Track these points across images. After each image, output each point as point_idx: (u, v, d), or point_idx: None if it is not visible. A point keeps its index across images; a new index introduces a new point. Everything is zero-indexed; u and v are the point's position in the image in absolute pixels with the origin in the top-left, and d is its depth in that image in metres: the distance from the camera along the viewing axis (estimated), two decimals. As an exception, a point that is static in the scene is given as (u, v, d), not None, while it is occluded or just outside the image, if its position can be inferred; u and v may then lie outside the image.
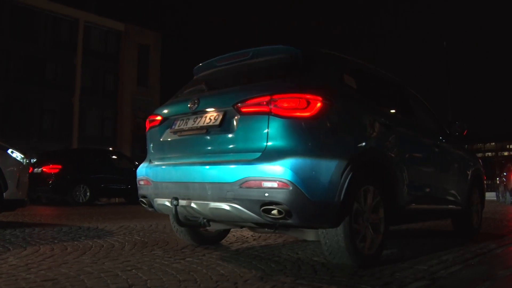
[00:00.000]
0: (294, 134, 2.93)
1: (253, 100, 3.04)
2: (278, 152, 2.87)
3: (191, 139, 3.43)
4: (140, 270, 2.97)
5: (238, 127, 3.09)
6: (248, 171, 2.90)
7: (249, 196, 2.89)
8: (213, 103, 3.36)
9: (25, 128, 30.60)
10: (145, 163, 3.85)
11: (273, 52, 3.61)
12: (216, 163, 3.12)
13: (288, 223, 2.92)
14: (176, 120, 3.57)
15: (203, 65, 4.15)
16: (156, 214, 7.52)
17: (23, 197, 5.75)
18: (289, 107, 2.94)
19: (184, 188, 3.29)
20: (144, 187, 3.72)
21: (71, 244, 4.07)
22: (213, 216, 3.31)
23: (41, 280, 2.63)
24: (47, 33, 32.47)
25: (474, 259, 3.62)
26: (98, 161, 13.88)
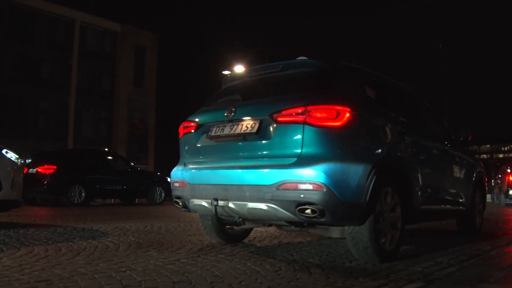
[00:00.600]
0: (326, 141, 3.26)
1: (289, 110, 3.35)
2: (312, 157, 3.19)
3: (228, 145, 3.72)
4: (134, 271, 2.95)
5: (275, 135, 3.39)
6: (285, 174, 3.21)
7: (286, 197, 3.20)
8: (249, 112, 3.64)
9: (21, 128, 30.50)
10: (179, 167, 4.09)
11: (301, 65, 3.96)
12: (254, 167, 3.42)
13: (321, 221, 3.22)
14: (212, 127, 3.82)
15: (234, 75, 4.47)
16: (152, 215, 7.49)
17: (18, 197, 5.71)
18: (321, 117, 3.26)
19: (222, 190, 3.56)
20: (180, 188, 3.99)
21: (65, 245, 4.05)
22: (250, 216, 3.56)
23: (35, 281, 2.61)
24: (43, 33, 32.39)
25: (469, 260, 3.63)
26: (94, 162, 13.85)
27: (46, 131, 32.16)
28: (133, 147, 36.17)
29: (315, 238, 4.96)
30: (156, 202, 14.47)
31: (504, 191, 15.59)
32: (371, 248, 3.35)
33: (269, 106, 3.52)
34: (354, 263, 3.41)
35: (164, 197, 14.90)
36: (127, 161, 15.62)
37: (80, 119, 34.14)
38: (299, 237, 5.03)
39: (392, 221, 3.62)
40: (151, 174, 17.41)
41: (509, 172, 15.69)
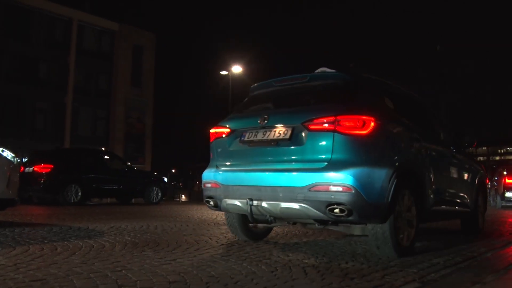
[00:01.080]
0: (354, 148, 3.59)
1: (320, 119, 3.67)
2: (342, 162, 3.53)
3: (261, 149, 4.02)
4: (130, 271, 2.95)
5: (307, 141, 3.71)
6: (317, 177, 3.55)
7: (317, 197, 3.52)
8: (282, 120, 3.94)
9: (17, 127, 30.40)
10: (211, 169, 4.38)
11: (327, 77, 4.31)
12: (287, 170, 3.76)
13: (349, 220, 3.53)
14: (244, 133, 4.13)
15: (260, 84, 4.74)
16: (148, 215, 7.48)
17: (14, 196, 5.70)
18: (349, 126, 3.59)
19: (256, 191, 3.86)
20: (212, 189, 4.27)
21: (61, 244, 4.04)
22: (282, 214, 3.88)
23: (30, 280, 2.60)
24: (41, 32, 32.30)
25: (464, 262, 3.64)
26: (90, 161, 13.82)
27: (42, 130, 32.07)
28: (130, 146, 36.09)
29: (311, 239, 4.97)
30: (152, 202, 14.45)
31: (500, 193, 15.65)
32: (391, 244, 3.69)
33: (301, 115, 3.83)
34: (349, 264, 3.41)
35: (160, 197, 14.89)
36: (124, 160, 15.59)
37: (77, 118, 34.04)
38: (295, 238, 5.03)
39: (408, 220, 3.96)
40: (147, 173, 17.41)
41: (506, 174, 15.75)
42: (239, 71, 29.59)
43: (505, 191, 15.37)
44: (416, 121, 4.63)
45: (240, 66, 29.45)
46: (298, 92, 4.38)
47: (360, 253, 3.98)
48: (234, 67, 29.27)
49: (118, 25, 36.48)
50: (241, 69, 29.58)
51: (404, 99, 4.81)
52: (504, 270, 3.33)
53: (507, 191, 15.36)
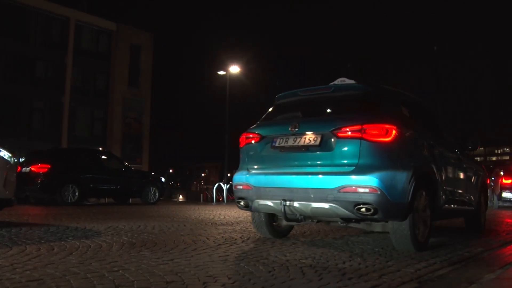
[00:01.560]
0: (379, 153, 3.98)
1: (348, 128, 4.03)
2: (368, 166, 3.90)
3: (292, 154, 4.36)
4: (127, 271, 2.95)
5: (336, 147, 4.07)
6: (346, 180, 3.91)
7: (346, 198, 3.88)
8: (311, 127, 4.29)
9: (14, 127, 30.32)
10: (242, 171, 4.71)
11: (350, 88, 4.66)
12: (317, 173, 4.12)
13: (374, 218, 3.92)
14: (275, 139, 4.46)
15: (285, 94, 5.07)
16: (146, 215, 7.48)
17: (10, 196, 5.68)
18: (375, 134, 3.97)
19: (288, 192, 4.21)
20: (244, 190, 4.59)
21: (58, 244, 4.03)
22: (312, 214, 4.25)
23: (26, 280, 2.59)
24: (38, 31, 32.21)
25: (461, 262, 3.65)
26: (88, 161, 13.80)
27: (40, 130, 31.98)
28: (127, 146, 36.03)
29: (309, 239, 4.97)
30: (150, 202, 14.43)
31: (497, 193, 15.69)
32: (409, 239, 4.05)
33: (330, 123, 4.19)
34: (347, 264, 3.42)
35: (158, 197, 14.87)
36: (121, 160, 15.57)
37: (74, 118, 33.95)
38: (292, 238, 5.04)
39: (424, 218, 4.32)
40: (145, 173, 17.38)
41: (502, 174, 15.79)
42: (237, 71, 29.59)
43: (502, 191, 15.41)
44: (427, 127, 5.10)
45: (238, 66, 29.45)
46: (323, 102, 4.75)
47: (357, 253, 3.99)
48: (231, 67, 29.26)
49: (116, 24, 36.41)
50: (239, 69, 29.58)
51: (416, 107, 5.22)
52: (501, 269, 3.33)
53: (504, 191, 15.41)
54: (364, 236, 5.45)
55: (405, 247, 4.13)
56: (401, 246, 4.16)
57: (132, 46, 37.16)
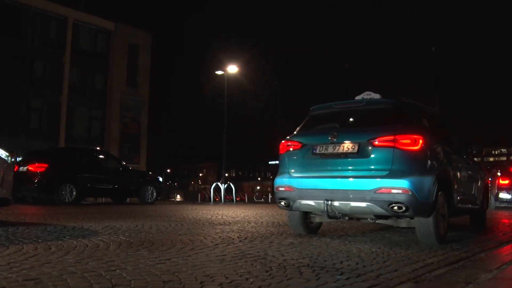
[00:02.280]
0: (409, 160, 4.60)
1: (383, 138, 4.67)
2: (400, 171, 4.53)
3: (332, 160, 4.94)
4: (124, 270, 2.94)
5: (372, 154, 4.69)
6: (381, 182, 4.53)
7: (381, 198, 4.51)
8: (349, 137, 4.90)
9: (12, 126, 30.26)
10: (284, 175, 5.26)
11: (380, 103, 5.38)
12: (356, 177, 4.72)
13: (405, 214, 4.54)
14: (316, 146, 5.05)
15: (320, 106, 5.73)
16: (143, 215, 7.47)
17: (8, 195, 5.67)
18: (405, 143, 4.61)
19: (330, 193, 4.81)
20: (286, 192, 5.15)
21: (55, 244, 4.03)
22: (350, 212, 4.85)
23: (23, 279, 2.59)
24: (36, 30, 32.16)
25: (458, 262, 3.66)
26: (85, 161, 13.78)
27: (37, 129, 31.93)
28: (125, 146, 36.00)
29: (306, 239, 4.97)
30: (147, 201, 14.42)
31: (494, 194, 15.71)
32: (433, 233, 4.69)
33: (366, 134, 4.82)
34: (344, 264, 3.42)
35: (155, 197, 14.86)
36: (119, 160, 15.56)
37: (72, 118, 33.90)
38: (289, 238, 5.04)
39: (443, 214, 4.96)
40: (143, 173, 17.37)
41: (499, 175, 15.82)
42: (235, 71, 29.58)
43: (499, 192, 15.44)
44: (442, 135, 5.69)
45: (236, 65, 29.44)
46: (357, 114, 5.43)
47: (355, 253, 3.99)
48: (229, 66, 29.25)
49: (114, 24, 36.37)
50: (237, 68, 29.56)
51: (433, 118, 5.80)
52: (498, 269, 3.34)
53: (501, 192, 15.44)
54: (361, 236, 5.46)
55: (429, 240, 4.73)
56: (426, 239, 4.76)
57: (130, 45, 37.12)
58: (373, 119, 5.29)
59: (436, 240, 4.73)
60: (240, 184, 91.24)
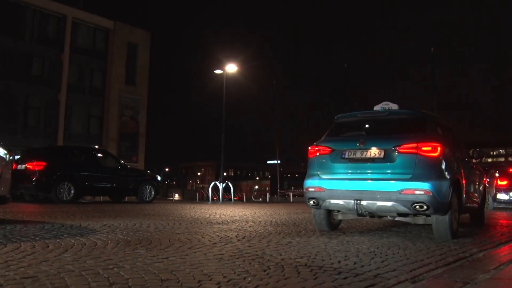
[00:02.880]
0: (430, 165, 5.17)
1: (407, 145, 5.23)
2: (422, 175, 5.08)
3: (360, 165, 5.43)
4: (122, 268, 2.94)
5: (397, 160, 5.24)
6: (405, 185, 5.07)
7: (406, 198, 5.06)
8: (376, 144, 5.43)
9: (10, 124, 30.20)
10: (314, 177, 5.72)
11: (400, 113, 6.00)
12: (382, 179, 5.24)
13: (426, 213, 5.10)
14: (344, 151, 5.55)
15: (345, 115, 6.45)
16: (141, 213, 7.45)
17: (5, 193, 5.66)
18: (426, 150, 5.19)
19: (358, 194, 5.30)
20: (316, 192, 5.62)
21: (52, 242, 4.02)
22: (376, 210, 5.33)
23: (20, 277, 2.58)
24: (34, 28, 32.08)
25: (456, 262, 3.66)
26: (83, 159, 13.76)
27: (35, 128, 31.87)
28: (123, 145, 35.94)
29: (304, 239, 4.98)
30: (145, 200, 14.41)
31: (492, 195, 15.73)
32: (448, 229, 5.27)
33: (392, 141, 5.37)
34: (342, 264, 3.42)
35: (153, 196, 14.85)
36: (117, 158, 15.54)
37: (71, 116, 33.84)
38: (287, 237, 5.04)
39: (455, 213, 5.54)
40: (141, 172, 17.35)
41: (497, 176, 15.84)
42: (234, 70, 29.56)
43: (497, 192, 15.45)
44: (452, 142, 6.16)
45: (235, 64, 29.42)
46: (380, 123, 6.03)
47: (352, 253, 3.99)
48: (228, 65, 29.23)
49: (113, 22, 36.29)
50: (236, 68, 29.54)
51: (443, 127, 6.28)
52: (495, 270, 3.34)
53: (499, 193, 15.45)
54: (359, 236, 5.46)
55: (444, 236, 5.30)
56: (441, 234, 5.32)
57: (129, 44, 37.05)
58: (395, 128, 5.88)
59: (450, 235, 5.29)
60: (238, 183, 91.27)
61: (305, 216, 9.14)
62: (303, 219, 8.19)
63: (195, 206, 13.61)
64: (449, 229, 5.27)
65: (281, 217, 8.51)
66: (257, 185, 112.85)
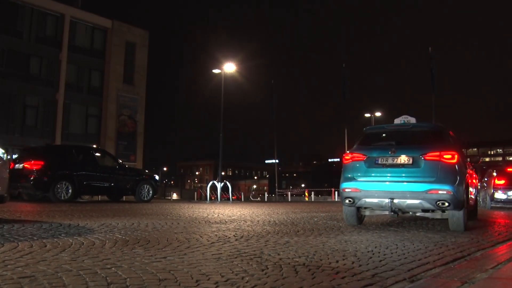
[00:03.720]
0: (450, 170, 6.23)
1: (431, 154, 6.28)
2: (444, 178, 6.14)
3: (391, 169, 6.44)
4: (120, 268, 2.93)
5: (423, 166, 6.27)
6: (431, 186, 6.12)
7: (431, 197, 6.10)
8: (405, 152, 6.42)
9: (7, 123, 30.14)
10: (349, 180, 6.67)
11: (422, 126, 7.36)
12: (411, 182, 6.25)
13: (447, 209, 6.15)
14: (378, 158, 6.55)
15: (373, 127, 8.28)
16: (139, 213, 7.44)
17: (3, 193, 5.66)
18: (447, 158, 6.25)
19: (390, 193, 6.32)
20: (352, 192, 6.59)
21: (50, 241, 4.01)
22: (406, 207, 6.38)
23: (18, 277, 2.57)
24: (32, 27, 32.01)
25: (453, 262, 3.66)
26: (81, 158, 13.75)
27: (33, 127, 31.82)
28: (121, 144, 35.91)
29: (302, 238, 4.98)
30: (143, 199, 14.41)
31: (490, 194, 15.76)
32: (462, 222, 6.32)
33: (419, 150, 6.40)
34: (340, 263, 3.42)
35: (151, 195, 14.85)
36: (115, 158, 15.52)
37: (69, 115, 33.80)
38: (286, 237, 5.04)
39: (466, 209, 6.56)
40: (139, 171, 17.34)
41: (495, 175, 15.86)
42: (232, 69, 29.54)
43: (495, 192, 15.48)
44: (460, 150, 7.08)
45: (233, 64, 29.40)
46: (406, 134, 7.16)
47: (350, 252, 3.99)
48: (226, 65, 29.21)
49: (111, 22, 36.25)
50: (234, 67, 29.53)
51: (452, 137, 7.25)
52: (493, 269, 3.35)
53: (497, 192, 15.47)
54: (357, 235, 5.46)
55: (459, 227, 6.33)
56: (456, 227, 6.36)
57: (127, 43, 37.02)
58: (419, 139, 7.01)
59: (463, 227, 6.36)
60: (236, 182, 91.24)
61: (303, 215, 9.14)
62: (301, 218, 8.19)
63: (193, 205, 13.61)
64: (462, 222, 6.31)
65: (279, 217, 8.51)
66: (255, 185, 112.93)
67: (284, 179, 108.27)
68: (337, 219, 8.09)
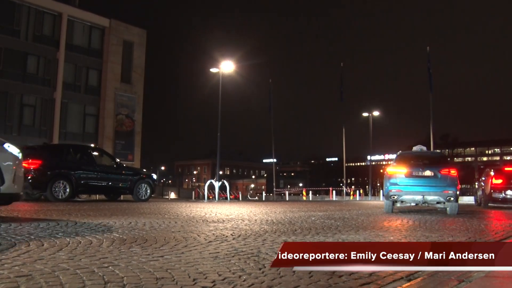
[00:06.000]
0: (453, 180, 10.62)
1: (444, 170, 10.70)
2: (451, 184, 10.54)
3: (421, 179, 10.64)
4: (117, 267, 2.93)
5: (439, 177, 10.60)
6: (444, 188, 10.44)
7: (444, 195, 10.46)
8: (429, 169, 10.73)
9: (4, 122, 30.07)
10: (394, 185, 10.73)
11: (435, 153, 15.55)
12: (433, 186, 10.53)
13: (451, 201, 10.47)
14: (412, 172, 10.73)
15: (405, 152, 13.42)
16: (137, 212, 7.45)
17: (19, 191, 5.73)
18: (452, 173, 10.67)
19: (421, 193, 10.52)
20: (397, 192, 10.66)
21: (47, 240, 4.01)
22: (430, 201, 10.63)
23: (15, 276, 2.57)
24: (30, 26, 31.93)
25: (450, 261, 3.66)
26: (79, 158, 13.75)
27: (31, 126, 31.75)
28: (119, 143, 35.86)
29: (300, 237, 4.98)
30: (141, 199, 14.40)
31: (488, 193, 15.81)
32: (456, 209, 10.54)
33: (437, 167, 10.73)
34: (337, 262, 3.42)
35: (149, 194, 14.84)
36: (113, 157, 15.52)
37: (66, 114, 33.72)
38: (283, 236, 5.04)
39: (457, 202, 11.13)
40: (137, 170, 17.33)
41: (493, 175, 15.90)
42: (231, 69, 29.53)
43: (492, 191, 15.52)
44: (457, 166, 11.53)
45: (231, 62, 29.38)
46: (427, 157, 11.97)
47: (348, 251, 4.00)
48: (224, 64, 29.20)
49: (108, 21, 36.15)
50: (233, 66, 29.52)
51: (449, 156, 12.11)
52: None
53: (494, 192, 15.52)
54: (355, 234, 5.47)
55: (454, 212, 10.34)
56: (453, 212, 10.36)
57: (125, 42, 36.93)
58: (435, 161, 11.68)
59: (457, 212, 10.45)
60: (234, 182, 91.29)
61: (301, 214, 9.16)
62: (298, 217, 8.20)
63: (191, 204, 13.60)
64: (456, 210, 10.50)
65: (276, 216, 8.52)
66: (253, 184, 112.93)
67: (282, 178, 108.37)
68: (334, 218, 8.09)
